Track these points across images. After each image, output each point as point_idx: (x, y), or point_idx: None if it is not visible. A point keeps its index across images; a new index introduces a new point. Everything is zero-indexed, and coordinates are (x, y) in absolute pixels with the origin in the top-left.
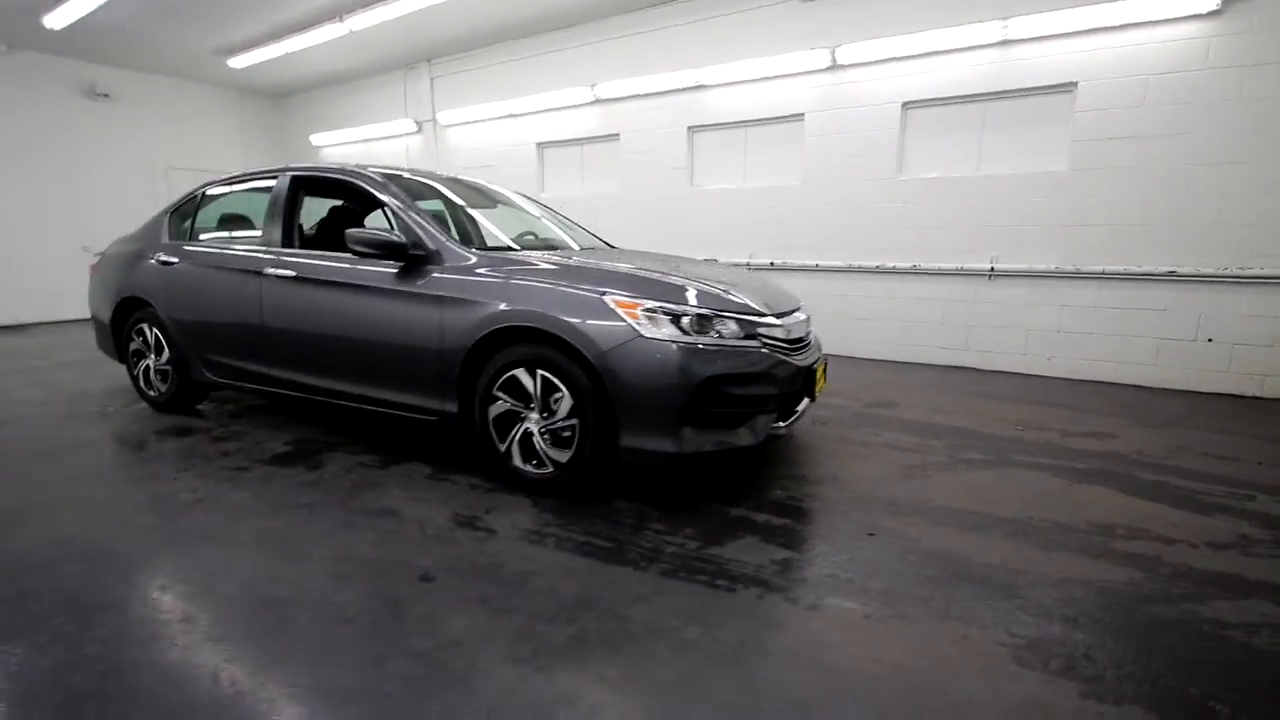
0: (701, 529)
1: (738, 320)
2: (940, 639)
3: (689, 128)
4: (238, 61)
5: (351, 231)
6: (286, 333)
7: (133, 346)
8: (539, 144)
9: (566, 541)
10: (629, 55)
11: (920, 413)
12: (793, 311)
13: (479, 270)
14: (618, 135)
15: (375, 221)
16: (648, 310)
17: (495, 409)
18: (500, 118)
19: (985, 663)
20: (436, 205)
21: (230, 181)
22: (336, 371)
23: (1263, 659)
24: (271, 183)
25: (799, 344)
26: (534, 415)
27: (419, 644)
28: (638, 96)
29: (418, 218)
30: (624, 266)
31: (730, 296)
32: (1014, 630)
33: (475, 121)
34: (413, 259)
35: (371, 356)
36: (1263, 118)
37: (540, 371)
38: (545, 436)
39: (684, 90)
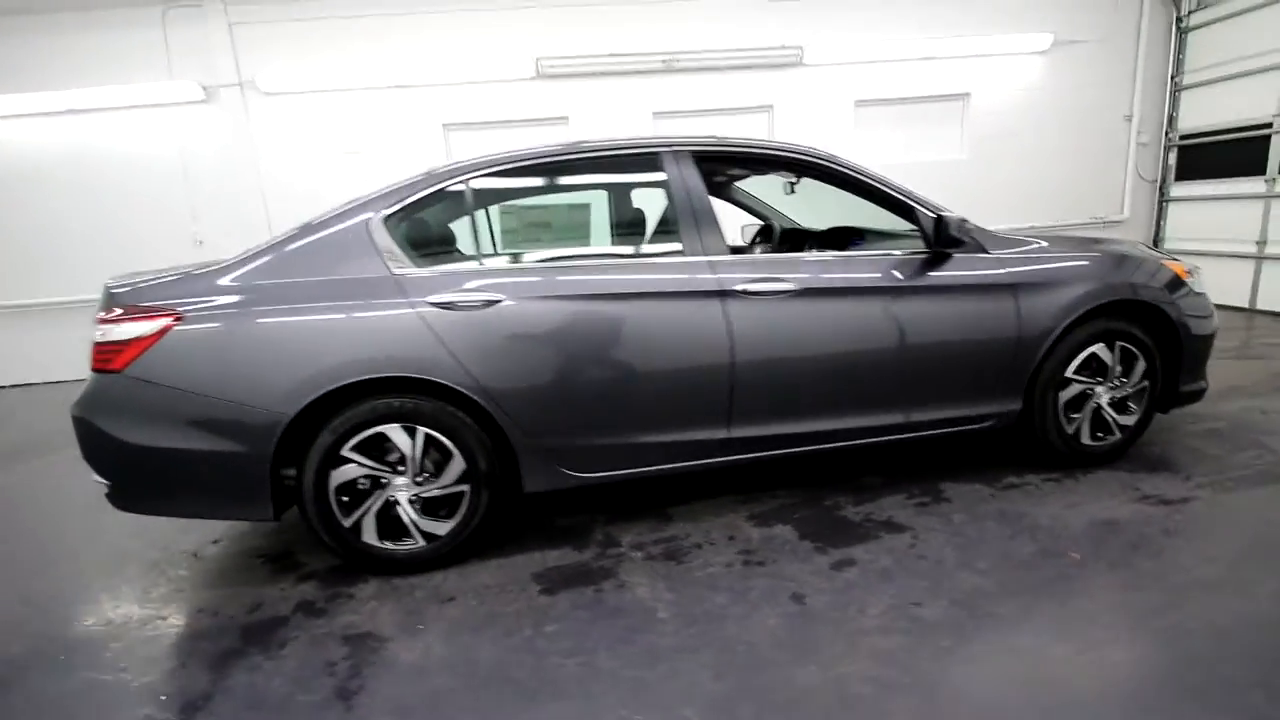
0: None
1: None
2: None
3: (654, 113)
4: None
5: (950, 216)
6: (788, 368)
7: (349, 473)
8: (446, 125)
9: None
10: (584, 25)
11: None
12: None
13: (1030, 249)
14: (566, 118)
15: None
16: (1188, 269)
17: (1067, 393)
18: (382, 87)
19: None
20: None
21: (529, 167)
22: (862, 403)
23: None
24: (647, 175)
25: None
26: (1101, 389)
27: None
28: (593, 75)
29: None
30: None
31: None
32: None
33: (331, 90)
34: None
35: (925, 370)
36: (1073, 121)
37: (1119, 343)
38: (1111, 406)
39: (650, 73)
